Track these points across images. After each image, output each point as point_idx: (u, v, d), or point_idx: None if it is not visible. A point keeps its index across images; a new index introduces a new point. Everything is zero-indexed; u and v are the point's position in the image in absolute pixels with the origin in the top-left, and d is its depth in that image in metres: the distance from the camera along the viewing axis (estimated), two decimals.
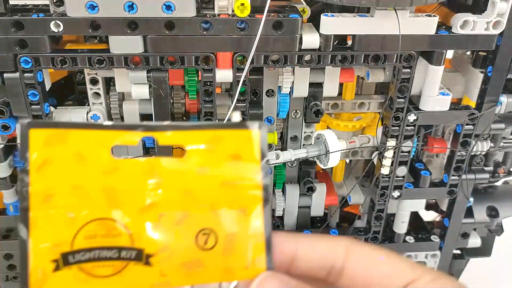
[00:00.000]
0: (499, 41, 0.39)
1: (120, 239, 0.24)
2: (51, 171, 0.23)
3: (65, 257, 0.23)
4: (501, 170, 0.49)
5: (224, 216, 0.25)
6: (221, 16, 0.35)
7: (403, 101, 0.41)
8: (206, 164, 0.25)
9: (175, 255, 0.24)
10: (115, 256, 0.24)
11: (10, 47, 0.35)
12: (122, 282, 0.24)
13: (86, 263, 0.23)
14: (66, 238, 0.23)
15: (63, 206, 0.23)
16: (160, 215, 0.24)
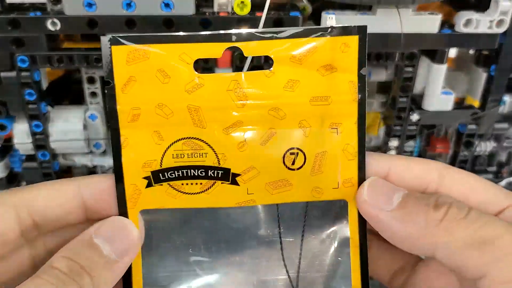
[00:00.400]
0: (503, 40, 0.39)
1: (207, 159, 0.24)
2: (135, 89, 0.23)
3: (156, 175, 0.23)
4: (505, 170, 0.48)
5: (314, 135, 0.24)
6: (221, 14, 0.35)
7: (406, 100, 0.40)
8: (296, 77, 0.23)
9: (261, 174, 0.24)
10: (203, 175, 0.24)
11: (7, 46, 0.34)
12: (210, 199, 0.24)
13: (175, 181, 0.24)
14: (155, 157, 0.23)
15: (150, 125, 0.23)
16: (246, 135, 0.23)
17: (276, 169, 0.24)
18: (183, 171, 0.23)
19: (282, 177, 0.24)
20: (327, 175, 0.24)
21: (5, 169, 0.41)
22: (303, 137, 0.24)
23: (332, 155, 0.24)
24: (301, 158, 0.24)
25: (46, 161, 0.39)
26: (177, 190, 0.24)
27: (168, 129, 0.23)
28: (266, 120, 0.23)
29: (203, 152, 0.23)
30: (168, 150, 0.23)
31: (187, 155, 0.23)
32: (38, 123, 0.38)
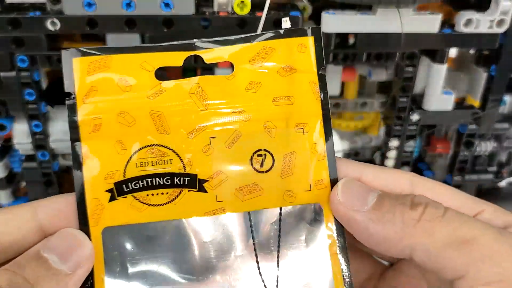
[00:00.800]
0: (503, 39, 0.39)
1: (172, 165, 0.23)
2: (97, 99, 0.22)
3: (119, 187, 0.23)
4: (505, 170, 0.48)
5: (280, 136, 0.23)
6: (221, 13, 0.35)
7: (406, 100, 0.40)
8: (257, 79, 0.23)
9: (230, 179, 0.23)
10: (168, 183, 0.23)
11: (7, 46, 0.34)
12: (177, 209, 0.23)
13: (140, 192, 0.23)
14: (118, 167, 0.23)
15: (112, 134, 0.23)
16: (211, 138, 0.23)
17: (245, 173, 0.23)
18: (148, 180, 0.23)
19: (252, 181, 0.23)
20: (298, 177, 0.23)
21: (4, 169, 0.41)
22: (269, 138, 0.23)
23: (301, 156, 0.23)
24: (269, 159, 0.23)
25: (46, 161, 0.39)
26: (142, 202, 0.23)
27: (130, 138, 0.23)
28: (230, 123, 0.23)
29: (168, 159, 0.23)
30: (131, 159, 0.23)
31: (152, 163, 0.23)
32: (37, 123, 0.38)
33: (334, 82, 0.41)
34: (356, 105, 0.45)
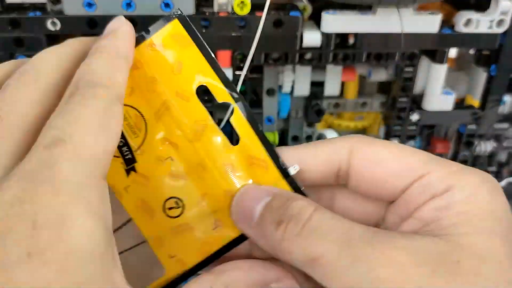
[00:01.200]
0: (503, 39, 0.39)
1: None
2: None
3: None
4: (505, 170, 0.48)
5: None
6: (221, 14, 0.35)
7: (406, 100, 0.40)
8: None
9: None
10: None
11: (7, 46, 0.34)
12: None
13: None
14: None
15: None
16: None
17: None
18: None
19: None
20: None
21: None
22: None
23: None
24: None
25: None
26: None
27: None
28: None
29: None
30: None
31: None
32: None
33: (334, 82, 0.41)
34: (356, 105, 0.45)
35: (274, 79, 0.40)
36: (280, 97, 0.42)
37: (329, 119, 0.46)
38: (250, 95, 0.40)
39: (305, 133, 0.44)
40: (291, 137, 0.44)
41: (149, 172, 0.22)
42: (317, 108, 0.41)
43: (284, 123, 0.45)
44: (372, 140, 0.22)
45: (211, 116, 0.25)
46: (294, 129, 0.44)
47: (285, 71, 0.40)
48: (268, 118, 0.42)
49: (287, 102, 0.42)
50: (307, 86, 0.41)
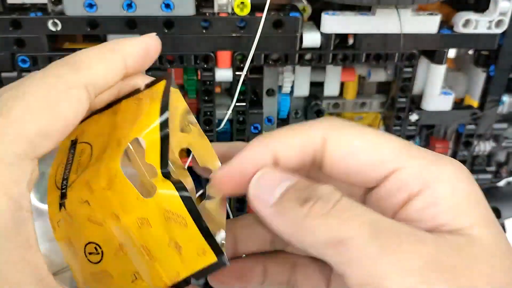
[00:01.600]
0: (502, 40, 0.39)
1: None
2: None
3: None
4: (504, 170, 0.48)
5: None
6: (221, 14, 0.35)
7: (405, 100, 0.40)
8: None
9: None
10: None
11: (8, 46, 0.34)
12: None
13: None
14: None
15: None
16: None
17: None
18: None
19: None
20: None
21: None
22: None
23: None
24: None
25: None
26: None
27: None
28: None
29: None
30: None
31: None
32: None
33: (333, 83, 0.41)
34: (355, 105, 0.45)
35: (274, 80, 0.41)
36: (280, 98, 0.42)
37: None
38: (250, 95, 0.40)
39: None
40: None
41: (73, 212, 0.21)
42: (316, 108, 0.41)
43: (284, 123, 0.45)
44: (345, 126, 0.22)
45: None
46: None
47: (285, 72, 0.40)
48: (268, 118, 0.42)
49: (287, 102, 0.42)
50: (306, 86, 0.41)
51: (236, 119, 0.40)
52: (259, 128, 0.41)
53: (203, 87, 0.38)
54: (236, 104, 0.39)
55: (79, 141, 0.23)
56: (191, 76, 0.39)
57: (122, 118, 0.23)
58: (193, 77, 0.40)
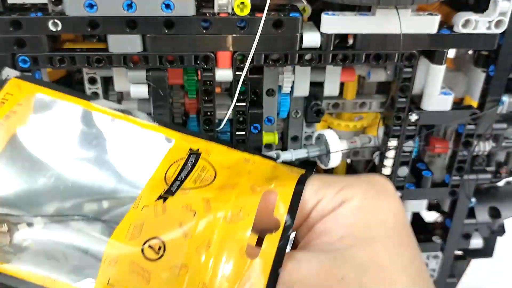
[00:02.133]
0: (501, 40, 0.39)
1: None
2: None
3: None
4: (503, 170, 0.48)
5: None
6: (221, 14, 0.35)
7: (405, 100, 0.41)
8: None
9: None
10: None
11: (8, 46, 0.34)
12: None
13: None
14: None
15: None
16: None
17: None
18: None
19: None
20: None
21: None
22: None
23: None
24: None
25: None
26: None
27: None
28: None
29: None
30: None
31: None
32: None
33: (333, 83, 0.42)
34: (355, 105, 0.45)
35: (274, 80, 0.41)
36: (280, 98, 0.42)
37: (329, 119, 0.46)
38: (250, 95, 0.40)
39: (305, 133, 0.45)
40: (291, 137, 0.45)
41: (170, 210, 0.24)
42: (316, 109, 0.41)
43: (284, 123, 0.45)
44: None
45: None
46: (293, 129, 0.44)
47: (285, 72, 0.40)
48: (268, 118, 0.43)
49: (287, 102, 0.42)
50: (306, 86, 0.41)
51: (236, 119, 0.40)
52: (259, 128, 0.41)
53: (203, 87, 0.38)
54: (236, 104, 0.39)
55: (202, 157, 0.26)
56: (191, 76, 0.40)
57: (256, 169, 0.26)
58: (193, 77, 0.40)
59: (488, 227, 0.52)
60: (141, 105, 0.41)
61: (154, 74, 0.37)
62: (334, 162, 0.41)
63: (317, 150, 0.42)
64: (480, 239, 0.53)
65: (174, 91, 0.42)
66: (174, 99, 0.42)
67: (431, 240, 0.50)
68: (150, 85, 0.38)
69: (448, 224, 0.50)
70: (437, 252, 0.51)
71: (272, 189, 0.25)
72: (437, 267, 0.52)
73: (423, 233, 0.51)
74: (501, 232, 0.53)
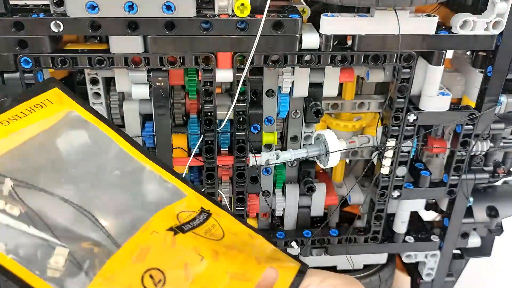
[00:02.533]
0: (499, 41, 0.39)
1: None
2: None
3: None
4: (501, 170, 0.49)
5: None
6: (221, 16, 0.35)
7: (403, 101, 0.41)
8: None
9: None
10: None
11: (11, 47, 0.35)
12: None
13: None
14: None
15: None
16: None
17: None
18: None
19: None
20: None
21: None
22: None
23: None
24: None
25: None
26: None
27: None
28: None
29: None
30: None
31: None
32: None
33: (332, 83, 0.42)
34: (354, 105, 0.46)
35: (273, 80, 0.41)
36: (280, 98, 0.42)
37: (328, 119, 0.46)
38: (250, 96, 0.40)
39: (304, 133, 0.45)
40: (290, 137, 0.45)
41: (179, 247, 0.25)
42: (316, 109, 0.41)
43: (284, 124, 0.45)
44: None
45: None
46: (293, 129, 0.45)
47: (285, 73, 0.40)
48: (268, 119, 0.43)
49: (286, 102, 0.42)
50: (306, 87, 0.41)
51: (236, 119, 0.40)
52: (259, 128, 0.41)
53: (203, 88, 0.38)
54: (236, 105, 0.39)
55: (212, 216, 0.27)
56: (192, 77, 0.40)
57: (259, 246, 0.28)
58: (194, 78, 0.40)
59: (486, 227, 0.52)
60: (142, 105, 0.41)
61: (155, 75, 0.38)
62: (333, 162, 0.42)
63: (316, 150, 0.43)
64: (478, 238, 0.53)
65: (175, 92, 0.42)
66: (175, 100, 0.42)
67: (429, 239, 0.51)
68: (151, 86, 0.38)
69: (446, 223, 0.50)
70: (435, 251, 0.52)
71: (275, 267, 0.26)
72: (435, 266, 0.53)
73: (422, 232, 0.51)
74: (499, 231, 0.53)
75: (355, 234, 0.49)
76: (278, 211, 0.47)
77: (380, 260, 0.53)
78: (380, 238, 0.49)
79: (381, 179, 0.45)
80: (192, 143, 0.42)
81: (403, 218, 0.49)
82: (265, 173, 0.45)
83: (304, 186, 0.46)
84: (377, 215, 0.47)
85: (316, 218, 0.50)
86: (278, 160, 0.42)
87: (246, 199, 0.44)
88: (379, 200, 0.46)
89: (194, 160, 0.41)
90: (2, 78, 0.36)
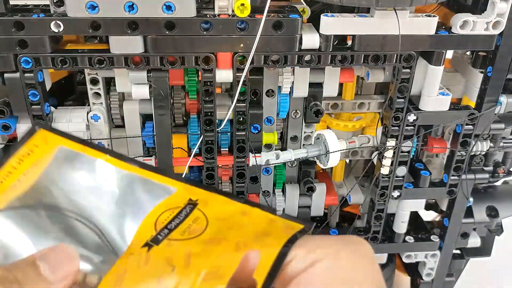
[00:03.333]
0: (499, 41, 0.39)
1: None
2: None
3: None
4: (501, 170, 0.49)
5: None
6: (221, 16, 0.35)
7: (403, 101, 0.41)
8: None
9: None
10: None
11: (11, 47, 0.35)
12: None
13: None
14: None
15: None
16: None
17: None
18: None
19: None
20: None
21: None
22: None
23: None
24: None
25: None
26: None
27: None
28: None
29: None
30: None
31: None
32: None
33: (332, 83, 0.42)
34: (354, 105, 0.46)
35: (273, 80, 0.41)
36: (280, 98, 0.42)
37: (328, 119, 0.46)
38: (250, 96, 0.40)
39: (304, 133, 0.45)
40: (290, 137, 0.45)
41: (153, 261, 0.24)
42: (316, 109, 0.41)
43: (283, 124, 0.45)
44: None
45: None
46: (293, 129, 0.45)
47: (285, 73, 0.40)
48: (268, 119, 0.43)
49: (286, 103, 0.43)
50: (306, 87, 0.41)
51: (236, 119, 0.40)
52: (259, 128, 0.41)
53: (203, 88, 0.38)
54: (236, 105, 0.39)
55: (198, 207, 0.26)
56: (192, 77, 0.40)
57: (250, 224, 0.25)
58: (194, 78, 0.40)
59: (486, 227, 0.52)
60: (142, 105, 0.41)
61: (155, 75, 0.38)
62: (333, 162, 0.42)
63: (316, 150, 0.43)
64: (478, 238, 0.53)
65: (175, 92, 0.42)
66: (175, 100, 0.42)
67: (429, 239, 0.51)
68: (151, 86, 0.38)
69: (446, 223, 0.50)
70: (435, 251, 0.52)
71: (256, 249, 0.25)
72: (435, 266, 0.53)
73: (422, 232, 0.52)
74: (499, 231, 0.53)
75: (355, 234, 0.49)
76: (278, 211, 0.47)
77: (380, 260, 0.54)
78: (380, 238, 0.49)
79: (381, 179, 0.45)
80: (192, 143, 0.42)
81: (403, 218, 0.49)
82: (265, 173, 0.45)
83: (304, 186, 0.46)
84: (377, 215, 0.47)
85: (316, 218, 0.51)
86: (278, 160, 0.42)
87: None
88: (379, 200, 0.46)
89: (194, 160, 0.42)
90: (2, 78, 0.36)
